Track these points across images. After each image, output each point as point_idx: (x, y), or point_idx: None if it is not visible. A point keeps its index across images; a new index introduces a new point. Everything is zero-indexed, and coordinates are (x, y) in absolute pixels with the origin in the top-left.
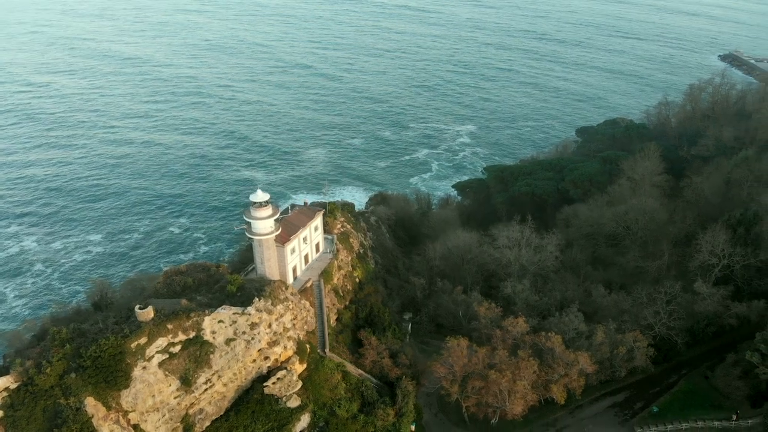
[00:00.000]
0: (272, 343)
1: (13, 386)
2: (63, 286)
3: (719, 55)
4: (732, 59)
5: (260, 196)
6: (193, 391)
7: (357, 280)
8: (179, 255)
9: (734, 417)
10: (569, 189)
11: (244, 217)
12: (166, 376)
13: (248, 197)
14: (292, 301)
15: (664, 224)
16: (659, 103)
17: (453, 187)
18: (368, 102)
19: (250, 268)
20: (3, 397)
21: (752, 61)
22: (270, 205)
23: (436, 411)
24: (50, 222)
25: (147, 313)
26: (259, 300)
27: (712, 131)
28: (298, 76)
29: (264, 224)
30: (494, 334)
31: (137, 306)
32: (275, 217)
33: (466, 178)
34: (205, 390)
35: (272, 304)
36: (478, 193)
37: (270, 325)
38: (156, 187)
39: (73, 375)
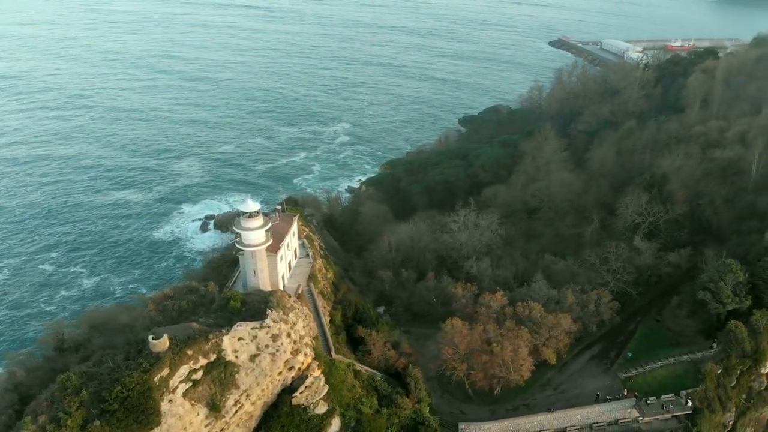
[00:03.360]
0: (295, 352)
1: None
2: None
3: (549, 41)
4: (561, 44)
5: (251, 206)
6: (223, 416)
7: (331, 281)
8: (60, 292)
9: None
10: (479, 173)
11: (234, 228)
12: (193, 405)
13: (179, 212)
14: (298, 308)
15: (580, 194)
16: (531, 87)
17: (364, 183)
18: (233, 108)
19: (231, 283)
20: None
21: (580, 45)
22: (260, 214)
23: (441, 393)
24: None
25: (162, 343)
26: (272, 311)
27: (591, 108)
28: (151, 84)
29: (256, 235)
30: (479, 310)
31: (150, 336)
32: (266, 228)
33: (357, 176)
34: (235, 412)
35: (284, 313)
36: (389, 187)
37: (289, 335)
38: (12, 220)
39: (97, 423)
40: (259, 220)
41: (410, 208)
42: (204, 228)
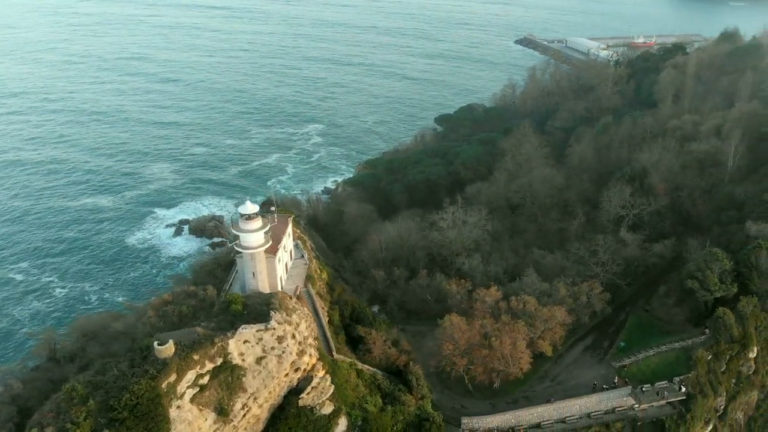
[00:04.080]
0: (300, 353)
1: None
2: None
3: (515, 40)
4: (528, 42)
5: (250, 208)
6: (231, 420)
7: (326, 281)
8: (32, 302)
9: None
10: (460, 171)
11: (233, 231)
12: (201, 410)
13: (152, 217)
14: (300, 310)
15: (562, 189)
16: (504, 86)
17: (344, 183)
18: (203, 109)
19: (227, 286)
20: None
21: (545, 43)
22: (259, 216)
23: (441, 388)
24: None
25: (168, 349)
26: (276, 313)
27: (566, 105)
28: (119, 87)
29: (255, 237)
30: (475, 306)
31: (155, 342)
32: (265, 229)
33: (332, 177)
34: (243, 416)
35: (287, 314)
36: (369, 187)
37: (294, 336)
38: None
39: None
40: (258, 222)
41: (392, 207)
42: (179, 233)
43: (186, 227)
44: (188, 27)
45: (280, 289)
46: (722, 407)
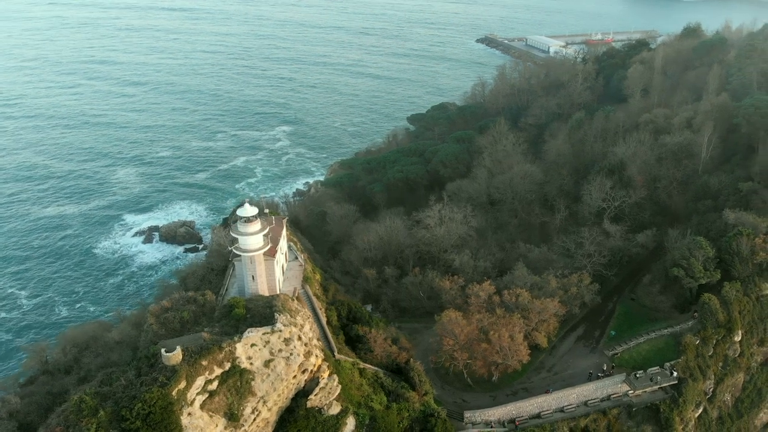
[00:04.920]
0: (307, 355)
1: None
2: None
3: (477, 39)
4: (489, 41)
5: (249, 210)
6: (242, 425)
7: (319, 282)
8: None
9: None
10: (439, 169)
11: (232, 233)
12: (211, 416)
13: (120, 225)
14: (302, 311)
15: (542, 184)
16: (474, 84)
17: (322, 184)
18: (167, 112)
19: (224, 290)
20: None
21: (506, 42)
22: (258, 219)
23: (441, 384)
24: None
25: (176, 356)
26: (280, 315)
27: (538, 102)
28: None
29: (255, 239)
30: (470, 300)
31: (163, 350)
32: (264, 232)
33: (302, 179)
34: (254, 420)
35: (291, 316)
36: (348, 187)
37: (300, 338)
38: None
39: None
40: (257, 225)
41: (371, 206)
42: (149, 240)
43: (156, 234)
44: (148, 29)
45: (278, 291)
46: (711, 390)
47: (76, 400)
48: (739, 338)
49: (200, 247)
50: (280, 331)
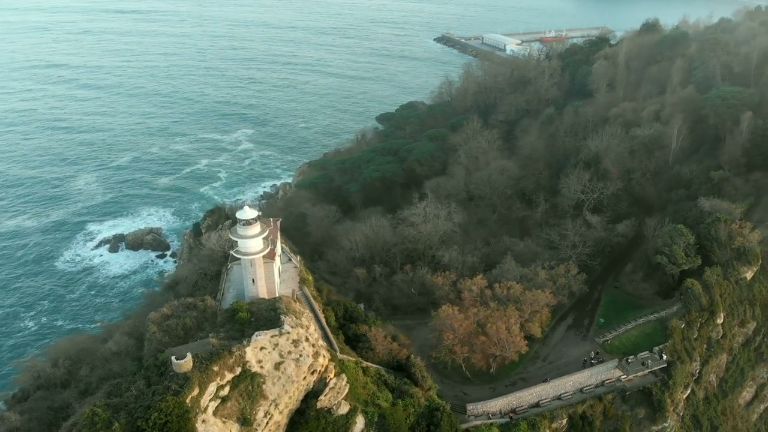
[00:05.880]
0: (315, 355)
1: None
2: None
3: (434, 38)
4: (446, 40)
5: (249, 213)
6: (255, 429)
7: (312, 283)
8: None
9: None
10: (415, 168)
11: (231, 236)
12: (224, 422)
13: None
14: (306, 312)
15: (519, 178)
16: (441, 83)
17: (296, 186)
18: (124, 116)
19: (220, 295)
20: None
21: (463, 41)
22: (258, 222)
23: (440, 378)
24: None
25: (187, 363)
26: (286, 317)
27: (508, 99)
28: (30, 96)
29: (255, 242)
30: (464, 295)
31: (173, 357)
32: (264, 235)
33: (267, 182)
34: (266, 424)
35: (296, 317)
36: (323, 188)
37: (307, 339)
38: None
39: None
40: (257, 228)
41: (347, 206)
42: (115, 249)
43: (122, 242)
44: (101, 32)
45: (277, 294)
46: (697, 371)
47: (89, 414)
48: (722, 320)
49: (168, 253)
50: (288, 333)
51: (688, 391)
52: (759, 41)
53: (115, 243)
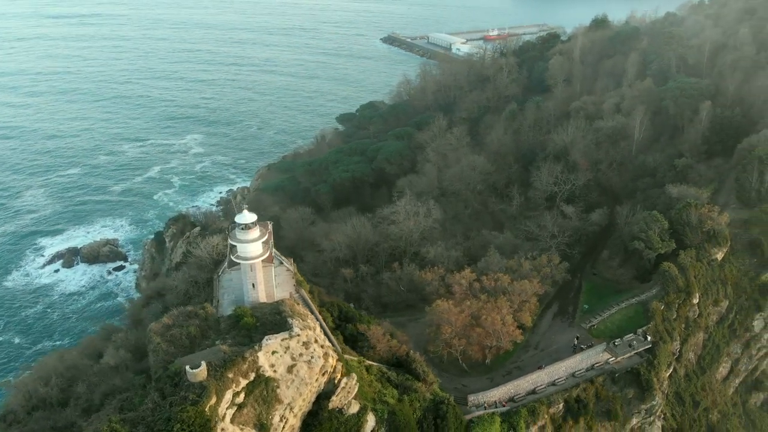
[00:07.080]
0: (325, 356)
1: None
2: None
3: (381, 38)
4: (392, 40)
5: (247, 217)
6: None
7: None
8: None
9: None
10: (384, 167)
11: (230, 241)
12: (242, 429)
13: (34, 250)
14: (310, 314)
15: (491, 173)
16: (399, 83)
17: (262, 190)
18: (67, 124)
19: (216, 302)
20: None
21: (409, 40)
22: (257, 225)
23: (437, 372)
24: None
25: (202, 372)
26: (293, 319)
27: (470, 96)
28: None
29: (255, 246)
30: (455, 289)
31: (187, 366)
32: (263, 239)
33: (221, 187)
34: (282, 428)
35: (303, 320)
36: (290, 191)
37: (316, 340)
38: None
39: None
40: (257, 231)
41: (317, 208)
42: (69, 263)
43: (77, 256)
44: (38, 38)
45: (275, 297)
46: (678, 350)
47: (107, 430)
48: (697, 300)
49: (127, 264)
50: (298, 335)
51: (671, 370)
52: (708, 34)
53: (70, 257)
